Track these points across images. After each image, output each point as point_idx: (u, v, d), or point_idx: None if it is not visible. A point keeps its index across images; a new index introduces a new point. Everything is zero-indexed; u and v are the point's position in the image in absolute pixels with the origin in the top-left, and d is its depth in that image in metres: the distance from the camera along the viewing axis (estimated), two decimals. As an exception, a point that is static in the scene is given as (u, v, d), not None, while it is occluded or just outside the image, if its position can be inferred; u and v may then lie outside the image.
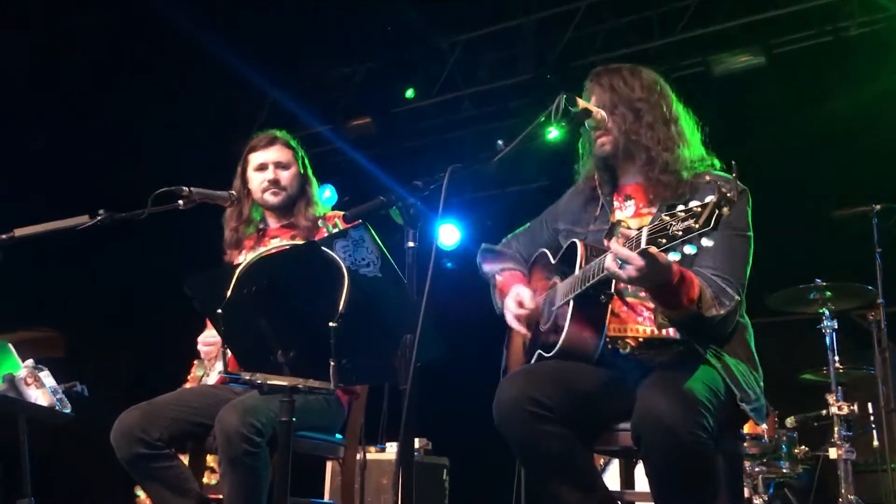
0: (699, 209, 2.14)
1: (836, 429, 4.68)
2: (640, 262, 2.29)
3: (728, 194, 2.11)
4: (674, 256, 2.23)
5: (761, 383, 2.65)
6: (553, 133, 2.69)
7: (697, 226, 2.12)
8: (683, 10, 6.53)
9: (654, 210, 2.72)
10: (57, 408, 3.30)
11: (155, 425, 3.09)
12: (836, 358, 4.78)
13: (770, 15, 6.27)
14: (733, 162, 2.30)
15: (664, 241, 2.19)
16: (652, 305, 2.64)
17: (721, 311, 2.48)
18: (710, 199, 2.13)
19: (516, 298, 2.85)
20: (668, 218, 2.20)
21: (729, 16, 6.40)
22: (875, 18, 6.03)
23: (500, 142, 2.61)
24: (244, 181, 3.53)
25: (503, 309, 2.92)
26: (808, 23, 6.25)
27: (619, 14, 6.79)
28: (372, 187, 7.35)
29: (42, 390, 3.29)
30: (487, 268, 3.10)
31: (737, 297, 2.52)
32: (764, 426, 4.67)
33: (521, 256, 3.09)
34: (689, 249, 2.19)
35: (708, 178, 2.64)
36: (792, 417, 4.96)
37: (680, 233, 2.15)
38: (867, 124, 5.89)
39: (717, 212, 2.10)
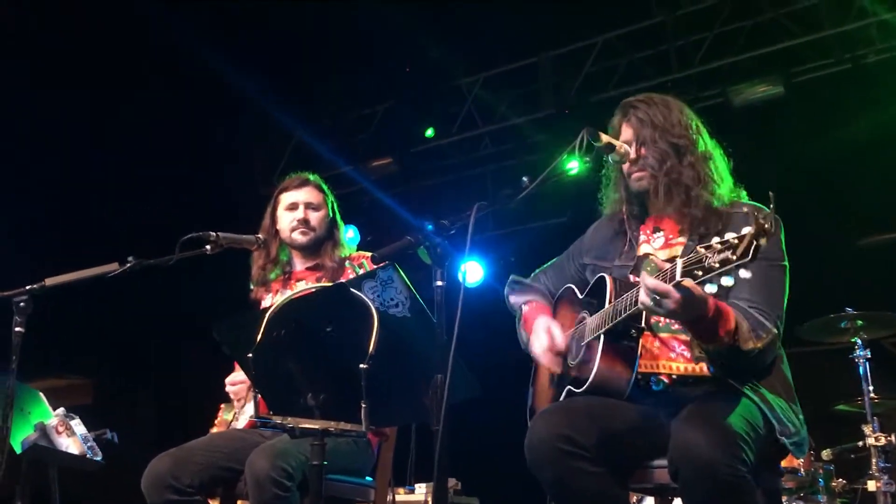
0: (736, 240, 2.13)
1: (873, 460, 4.57)
2: (676, 295, 2.27)
3: (766, 225, 2.09)
4: (710, 288, 2.21)
5: (801, 416, 2.60)
6: (573, 167, 2.69)
7: (735, 257, 2.11)
8: (700, 43, 6.56)
9: (684, 240, 2.69)
10: (88, 456, 3.31)
11: (185, 471, 3.08)
12: (871, 388, 4.69)
13: (787, 45, 6.30)
14: (771, 193, 2.27)
15: (700, 273, 2.18)
16: (686, 338, 2.61)
17: (759, 345, 2.45)
18: (747, 230, 2.12)
19: (547, 331, 2.80)
20: (703, 250, 2.18)
21: (746, 47, 6.44)
22: (893, 45, 6.03)
23: (524, 178, 2.61)
24: (273, 220, 3.57)
25: (528, 342, 2.88)
26: (826, 51, 6.27)
27: (636, 48, 6.83)
28: (395, 227, 7.39)
29: (73, 438, 3.30)
30: (514, 299, 3.09)
31: (774, 330, 2.49)
32: (801, 459, 4.58)
33: (549, 291, 3.07)
34: (727, 281, 2.17)
35: (745, 209, 2.64)
36: (828, 450, 4.85)
37: (717, 265, 2.14)
38: (889, 150, 5.85)
39: (755, 243, 2.09)
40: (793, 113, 6.37)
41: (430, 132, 7.56)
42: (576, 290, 2.91)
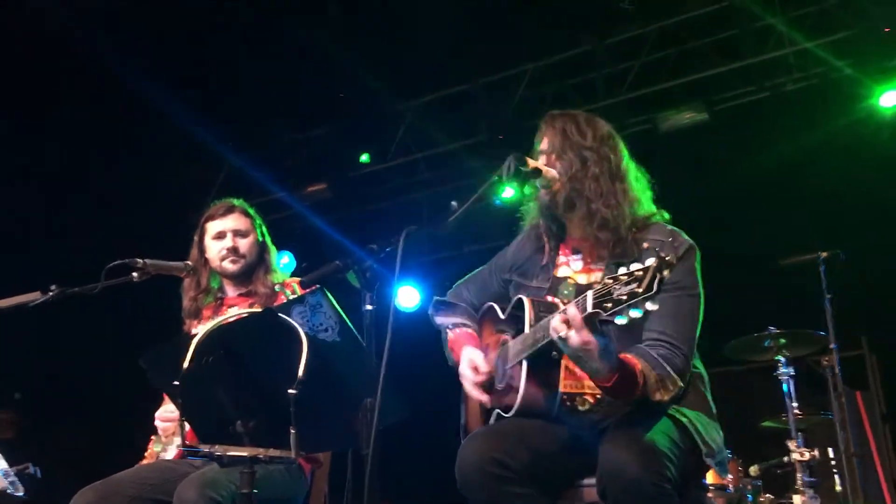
0: (640, 273, 2.15)
1: (798, 475, 4.71)
2: (585, 335, 2.29)
3: (667, 258, 2.13)
4: (620, 320, 2.21)
5: (721, 433, 2.67)
6: (508, 193, 2.72)
7: (640, 290, 2.13)
8: (627, 71, 6.74)
9: (602, 266, 2.71)
10: (9, 491, 3.20)
11: (112, 504, 3.00)
12: (795, 404, 4.84)
13: (710, 73, 6.51)
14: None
15: (610, 305, 2.20)
16: None
17: (665, 397, 2.48)
18: (650, 262, 2.15)
19: (470, 365, 2.82)
20: (611, 282, 2.21)
21: (671, 75, 6.64)
22: (811, 73, 6.28)
23: (453, 203, 2.64)
24: (201, 250, 3.51)
25: (457, 367, 2.90)
26: (748, 79, 6.49)
27: (564, 76, 6.98)
28: (330, 252, 7.36)
29: (-7, 473, 3.19)
30: (440, 320, 3.10)
31: (679, 383, 2.50)
32: (729, 476, 4.69)
33: (473, 306, 3.07)
34: (635, 313, 2.18)
35: (659, 235, 2.65)
36: (755, 466, 4.98)
37: (624, 297, 2.16)
38: (809, 173, 6.10)
39: (658, 275, 2.12)
40: (717, 138, 6.58)
41: (365, 157, 7.58)
42: (497, 310, 2.93)
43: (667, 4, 6.56)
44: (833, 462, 5.12)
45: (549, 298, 2.73)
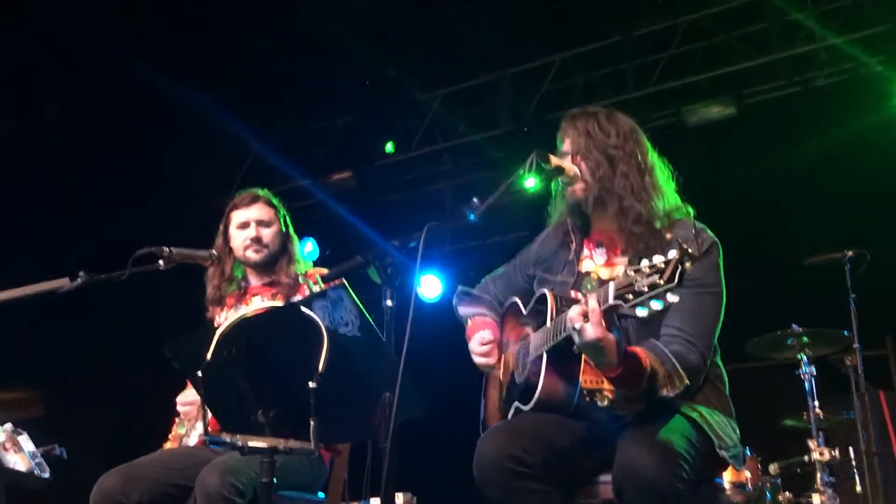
0: (663, 265, 2.16)
1: (818, 475, 4.70)
2: (598, 316, 2.32)
3: (689, 250, 2.14)
4: (641, 312, 2.23)
5: (737, 430, 2.67)
6: (531, 182, 2.72)
7: (662, 281, 2.14)
8: (656, 63, 6.70)
9: (625, 259, 2.70)
10: (35, 472, 3.27)
11: (135, 488, 3.06)
12: (816, 403, 4.81)
13: (740, 67, 6.46)
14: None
15: (631, 296, 2.21)
16: None
17: (671, 392, 2.49)
18: (672, 254, 2.16)
19: (479, 340, 2.89)
20: (633, 273, 2.22)
21: (701, 68, 6.59)
22: (841, 69, 6.21)
23: (475, 199, 2.64)
24: (226, 239, 3.56)
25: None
26: (778, 74, 6.43)
27: (593, 68, 6.95)
28: (353, 241, 7.41)
29: (20, 455, 3.26)
30: (463, 311, 3.12)
31: (686, 381, 2.50)
32: (747, 473, 4.68)
33: (498, 300, 3.09)
34: (657, 305, 2.20)
35: (684, 229, 2.66)
36: (775, 464, 4.96)
37: (646, 289, 2.17)
38: (836, 171, 6.02)
39: (679, 267, 2.13)
40: (745, 133, 6.53)
41: (389, 147, 7.61)
42: (520, 304, 2.94)
43: (696, -3, 6.51)
44: (854, 462, 5.10)
45: (573, 293, 2.75)
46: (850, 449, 5.10)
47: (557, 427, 2.61)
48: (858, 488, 5.04)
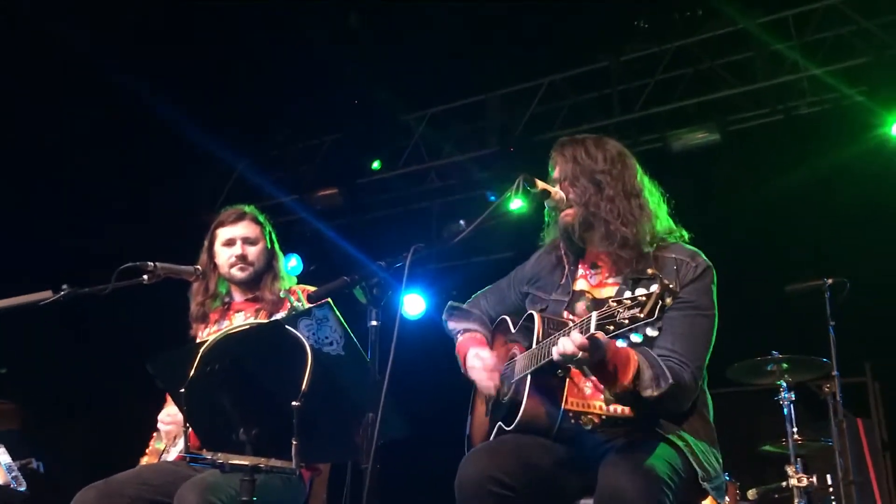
0: (643, 298, 2.20)
1: (796, 501, 4.71)
2: (584, 352, 2.34)
3: (670, 285, 2.17)
4: (621, 343, 2.28)
5: (720, 459, 2.69)
6: (517, 205, 2.75)
7: (642, 315, 2.18)
8: (642, 89, 6.77)
9: (618, 280, 2.75)
10: (12, 486, 3.24)
11: (113, 504, 3.03)
12: (795, 429, 4.84)
13: (724, 94, 6.53)
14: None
15: (612, 327, 2.25)
16: None
17: (655, 393, 2.49)
18: (654, 288, 2.19)
19: (477, 356, 2.88)
20: (615, 304, 2.25)
21: (686, 94, 6.66)
22: (824, 98, 6.30)
23: (461, 221, 2.67)
24: (211, 255, 3.55)
25: (465, 369, 2.95)
26: (762, 102, 6.51)
27: (580, 91, 7.01)
28: (338, 257, 7.41)
29: (-3, 468, 3.23)
30: (452, 325, 3.14)
31: (671, 381, 2.51)
32: (726, 500, 4.69)
33: (489, 316, 3.11)
34: (635, 338, 2.25)
35: (677, 254, 2.69)
36: (753, 490, 4.98)
37: (626, 321, 2.21)
38: (818, 199, 6.09)
39: (660, 302, 2.17)
40: (728, 159, 6.59)
41: (376, 164, 7.63)
42: (510, 322, 2.96)
43: (683, 24, 6.58)
44: (831, 489, 5.12)
45: (566, 314, 2.78)
46: (828, 476, 5.13)
47: (540, 450, 2.62)
48: (836, 515, 5.06)
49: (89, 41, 5.97)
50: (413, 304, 7.61)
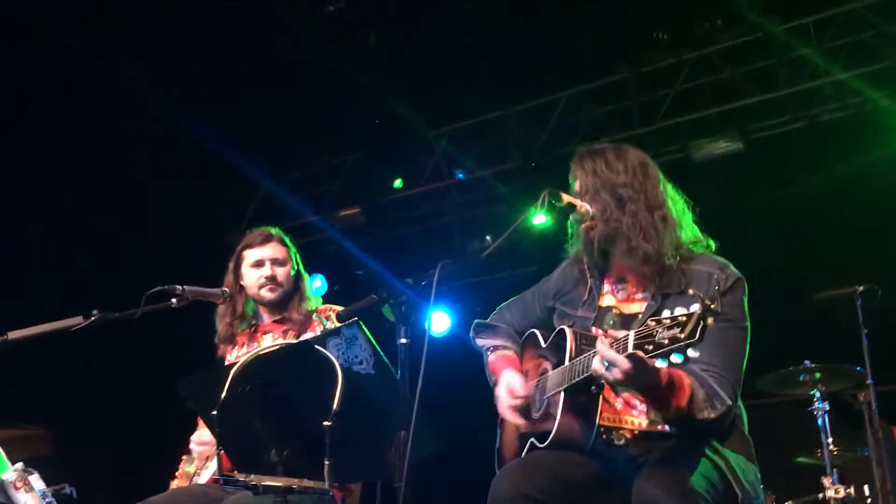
0: (684, 318, 2.16)
1: (833, 512, 4.64)
2: (626, 365, 2.30)
3: (712, 306, 2.12)
4: (661, 363, 2.24)
5: (758, 475, 2.65)
6: (542, 219, 2.73)
7: (683, 336, 2.14)
8: (662, 100, 6.74)
9: (647, 296, 2.71)
10: (46, 511, 3.24)
11: (146, 528, 3.04)
12: (830, 440, 4.77)
13: (746, 102, 6.49)
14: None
15: (651, 347, 2.21)
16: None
17: (712, 415, 2.47)
18: (695, 308, 2.15)
19: (508, 388, 2.83)
20: (654, 324, 2.22)
21: (706, 104, 6.62)
22: (847, 103, 6.24)
23: (487, 237, 2.67)
24: (237, 276, 3.57)
25: (495, 391, 2.92)
26: (784, 109, 6.46)
27: (599, 104, 7.00)
28: (362, 276, 7.42)
29: (31, 494, 3.23)
30: (480, 342, 3.12)
31: (728, 401, 2.49)
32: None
33: (515, 329, 3.08)
34: (676, 359, 2.21)
35: (707, 266, 2.65)
36: (790, 502, 4.91)
37: (666, 341, 2.17)
38: (844, 205, 6.03)
39: (702, 323, 2.13)
40: (752, 168, 6.54)
41: (398, 182, 7.65)
42: (539, 337, 2.93)
43: (702, 34, 6.56)
44: (869, 500, 5.03)
45: (594, 330, 2.74)
46: (865, 487, 5.03)
47: (573, 466, 2.59)
48: (874, 526, 4.97)
49: (117, 60, 6.04)
50: (438, 321, 7.59)
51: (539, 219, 2.71)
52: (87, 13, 5.98)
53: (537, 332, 2.96)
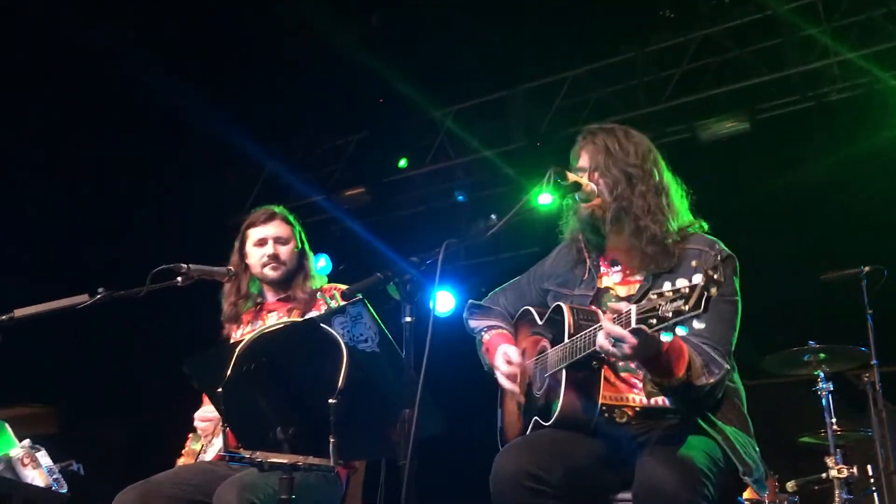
0: (687, 290, 2.15)
1: (836, 492, 4.65)
2: (633, 340, 2.30)
3: (714, 276, 2.12)
4: (665, 337, 2.24)
5: (757, 449, 2.66)
6: (546, 201, 2.73)
7: (687, 308, 2.13)
8: (668, 79, 6.70)
9: (640, 278, 2.73)
10: (53, 488, 3.28)
11: (152, 505, 3.06)
12: (834, 420, 4.77)
13: (753, 82, 6.45)
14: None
15: (654, 321, 2.20)
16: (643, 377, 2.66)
17: (710, 380, 2.49)
18: (697, 280, 2.14)
19: (504, 357, 2.86)
20: (656, 297, 2.21)
21: (713, 83, 6.58)
22: (855, 83, 6.19)
23: (493, 216, 2.66)
24: (242, 255, 3.57)
25: (491, 367, 2.93)
26: (791, 89, 6.41)
27: (605, 83, 6.96)
28: (366, 256, 7.42)
29: (39, 471, 3.27)
30: (474, 323, 3.12)
31: (726, 366, 2.52)
32: (766, 492, 4.64)
33: (508, 312, 3.09)
34: (681, 331, 2.20)
35: (698, 244, 2.67)
36: (793, 482, 4.92)
37: (670, 314, 2.16)
38: (851, 186, 6.00)
39: (705, 294, 2.12)
40: (758, 148, 6.51)
41: (403, 163, 7.63)
42: (535, 314, 2.94)
43: (709, 13, 6.51)
44: (872, 479, 5.04)
45: (592, 308, 2.74)
46: (869, 467, 5.05)
47: (576, 444, 2.60)
48: (877, 506, 4.99)
49: (120, 43, 6.03)
50: (443, 301, 7.60)
51: (544, 198, 2.71)
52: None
53: (532, 309, 2.97)
